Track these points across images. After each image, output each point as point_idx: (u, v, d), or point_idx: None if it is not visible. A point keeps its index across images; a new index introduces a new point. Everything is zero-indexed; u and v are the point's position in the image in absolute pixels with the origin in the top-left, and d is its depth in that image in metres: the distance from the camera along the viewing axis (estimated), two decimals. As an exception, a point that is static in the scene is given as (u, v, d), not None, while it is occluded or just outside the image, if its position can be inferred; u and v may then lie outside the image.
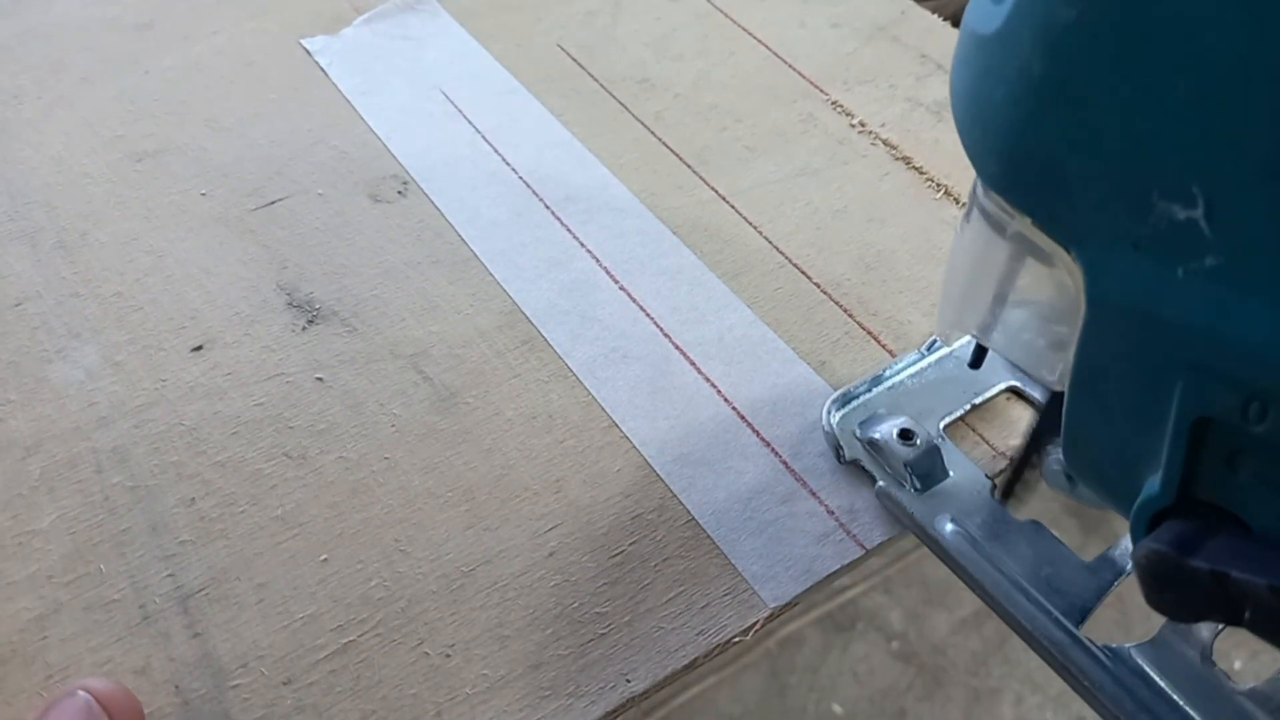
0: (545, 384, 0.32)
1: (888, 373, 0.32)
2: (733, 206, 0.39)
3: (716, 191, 0.39)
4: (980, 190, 0.23)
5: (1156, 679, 0.24)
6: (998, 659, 0.35)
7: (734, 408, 0.32)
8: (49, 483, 0.30)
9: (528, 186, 0.39)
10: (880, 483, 0.29)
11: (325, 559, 0.28)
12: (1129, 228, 0.18)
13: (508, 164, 0.40)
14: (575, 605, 0.27)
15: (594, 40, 0.47)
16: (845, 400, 0.32)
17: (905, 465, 0.29)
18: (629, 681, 0.26)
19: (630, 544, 0.29)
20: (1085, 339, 0.21)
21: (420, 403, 0.32)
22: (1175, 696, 0.24)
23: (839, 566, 0.28)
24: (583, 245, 0.37)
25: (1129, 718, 0.24)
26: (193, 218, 0.38)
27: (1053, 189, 0.20)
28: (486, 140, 0.41)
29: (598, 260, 0.36)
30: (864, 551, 0.28)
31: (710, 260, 0.36)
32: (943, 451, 0.29)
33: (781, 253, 0.37)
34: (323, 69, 0.45)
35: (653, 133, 0.42)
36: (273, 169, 0.40)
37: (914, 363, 0.33)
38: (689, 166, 0.40)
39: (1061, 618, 0.26)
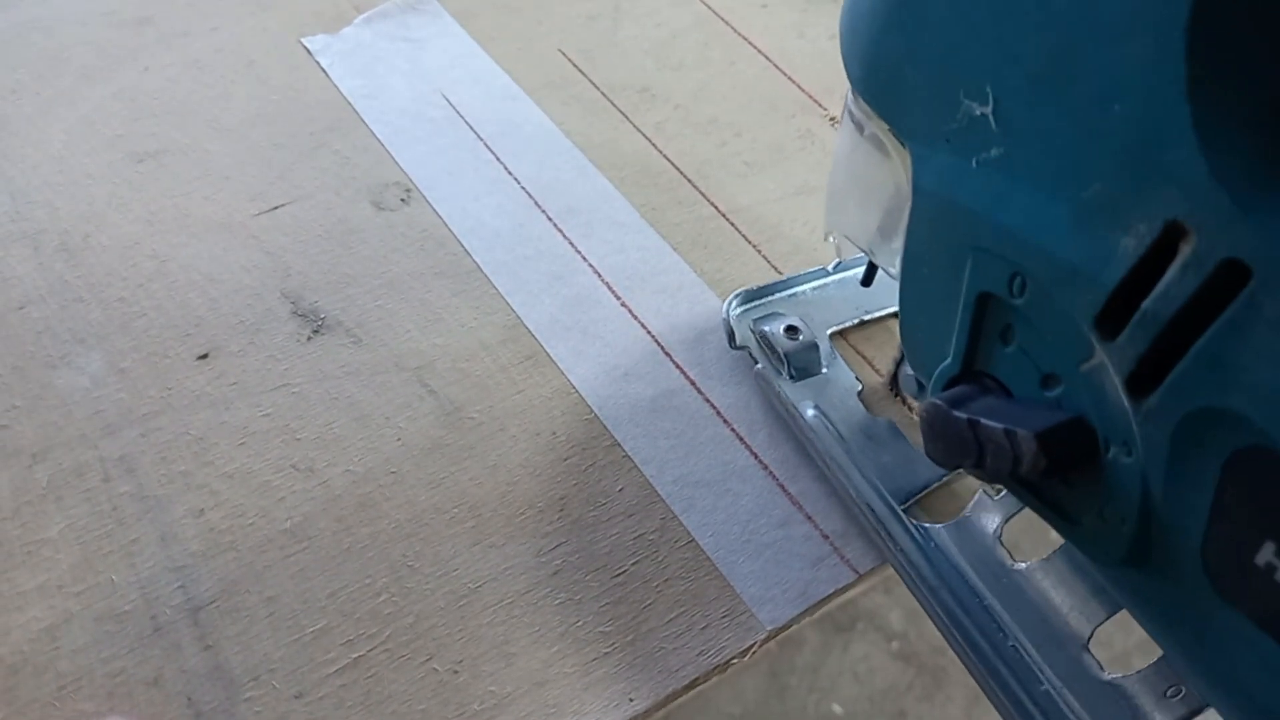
0: (548, 400, 0.33)
1: (792, 282, 0.36)
2: (732, 224, 0.39)
3: (716, 208, 0.40)
4: (850, 97, 0.27)
5: (955, 554, 0.28)
6: None
7: (733, 429, 0.33)
8: (57, 491, 0.30)
9: (529, 196, 0.40)
10: (759, 365, 0.33)
11: (334, 573, 0.29)
12: (943, 124, 0.22)
13: (509, 173, 0.41)
14: (579, 624, 0.28)
15: (595, 45, 0.48)
16: (748, 298, 0.35)
17: (785, 355, 0.33)
18: (631, 700, 0.27)
19: (633, 564, 0.29)
20: (910, 226, 0.25)
21: (425, 416, 0.33)
22: (967, 569, 0.28)
23: (832, 590, 0.29)
24: (584, 259, 0.38)
25: (927, 584, 0.28)
26: (195, 222, 0.38)
27: (895, 92, 0.24)
28: (488, 147, 0.42)
29: (599, 275, 0.37)
30: (856, 576, 0.29)
31: (710, 279, 0.37)
32: (822, 351, 0.33)
33: (780, 274, 0.37)
34: (324, 69, 0.45)
35: (653, 144, 0.43)
36: (275, 173, 0.40)
37: (818, 277, 0.36)
38: (689, 181, 0.41)
39: (888, 495, 0.30)
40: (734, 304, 0.35)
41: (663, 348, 0.35)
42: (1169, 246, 0.18)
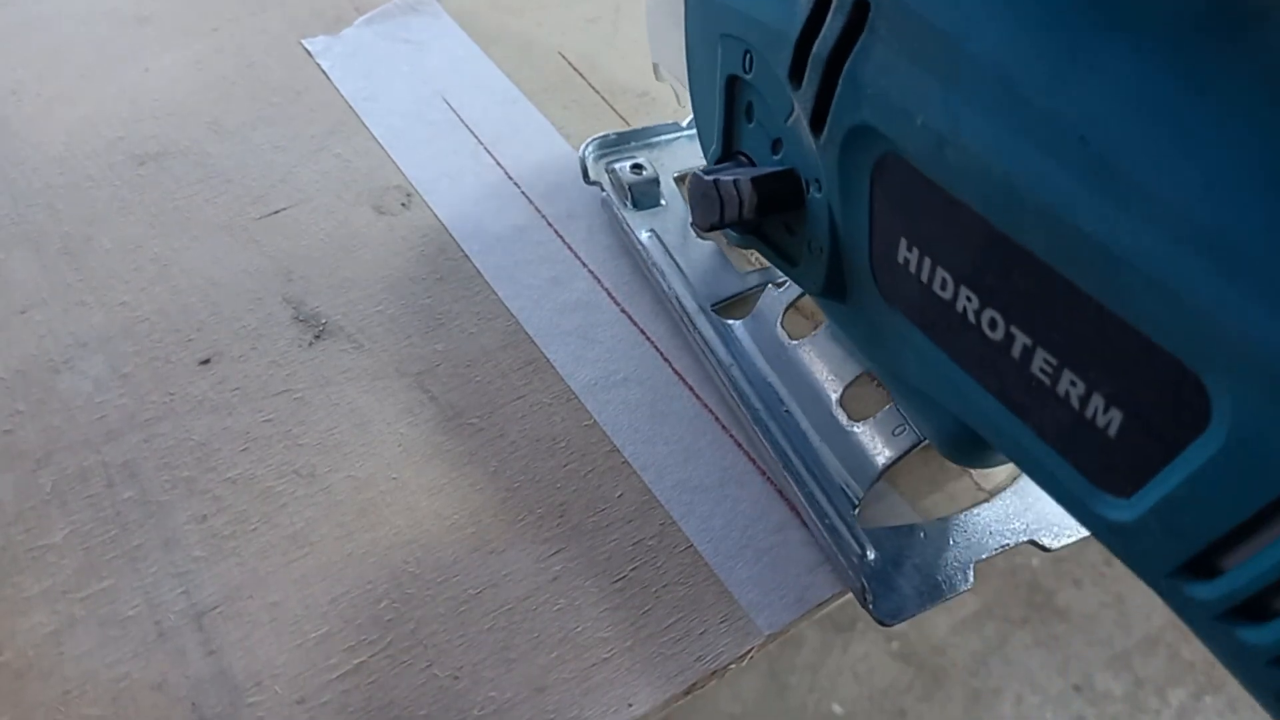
0: (549, 406, 0.33)
1: (646, 133, 0.41)
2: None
3: (716, 213, 0.40)
4: None
5: (748, 341, 0.34)
6: (998, 659, 0.36)
7: (731, 435, 0.33)
8: (60, 496, 0.30)
9: (530, 202, 0.40)
10: (605, 193, 0.39)
11: (336, 579, 0.29)
12: None
13: (510, 178, 0.41)
14: (579, 629, 0.28)
15: (594, 48, 0.48)
16: (606, 144, 0.40)
17: (628, 187, 0.38)
18: (630, 706, 0.27)
19: (632, 570, 0.30)
20: (685, 29, 0.31)
21: (427, 422, 0.33)
22: (755, 352, 0.34)
23: (829, 595, 0.29)
24: (584, 264, 0.38)
25: (721, 364, 0.34)
26: (197, 225, 0.38)
27: None
28: (489, 152, 0.42)
29: (599, 280, 0.37)
30: (854, 581, 0.30)
31: (709, 284, 0.37)
32: (664, 188, 0.39)
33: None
34: (324, 71, 0.45)
35: (653, 148, 0.43)
36: (276, 176, 0.40)
37: (672, 131, 0.41)
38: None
39: (701, 299, 0.36)
40: (590, 148, 0.40)
41: (660, 353, 0.35)
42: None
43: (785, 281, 0.34)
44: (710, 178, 0.27)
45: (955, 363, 0.23)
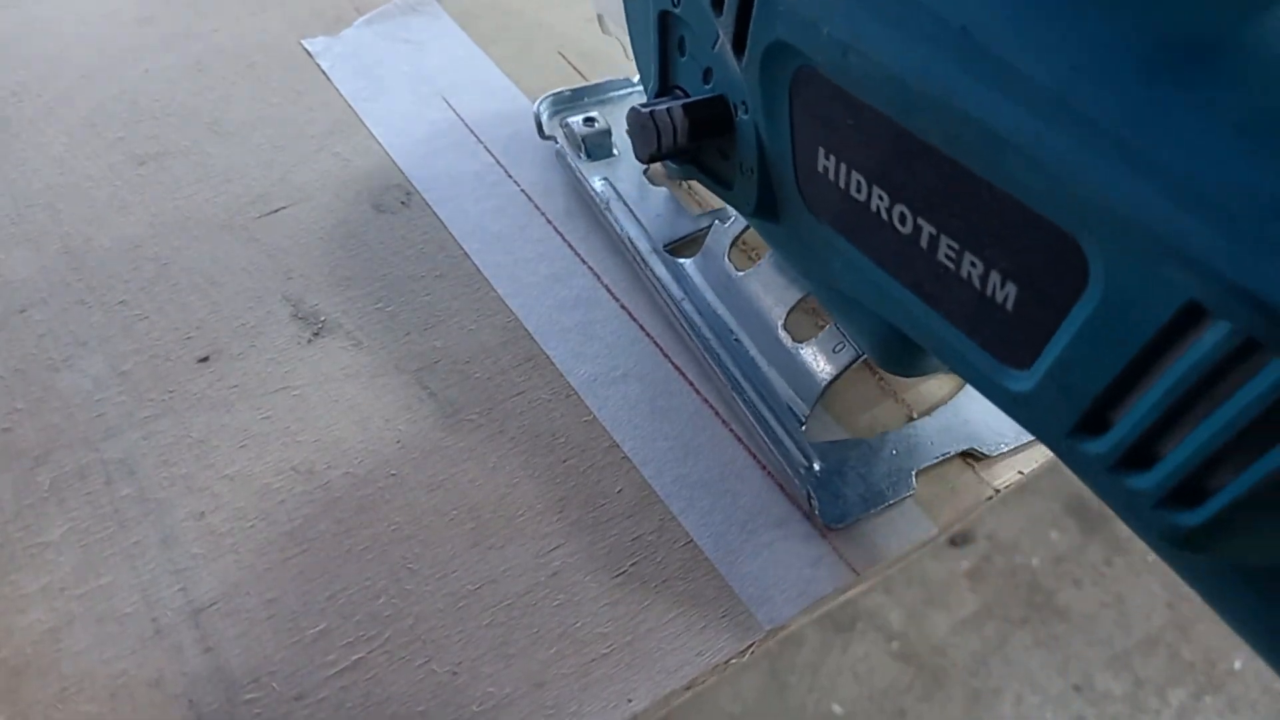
0: (548, 402, 0.33)
1: (599, 89, 0.43)
2: (731, 226, 0.39)
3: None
4: None
5: (699, 277, 0.36)
6: (998, 659, 0.36)
7: (730, 429, 0.33)
8: (59, 494, 0.30)
9: (529, 200, 0.40)
10: (558, 145, 0.40)
11: (334, 575, 0.29)
12: None
13: (509, 176, 0.41)
14: (578, 625, 0.28)
15: (595, 48, 0.48)
16: (560, 100, 0.42)
17: (581, 139, 0.40)
18: (630, 701, 0.27)
19: (631, 565, 0.30)
20: None
21: (425, 418, 0.33)
22: (705, 286, 0.36)
23: (832, 590, 0.29)
24: (583, 261, 0.38)
25: (674, 299, 0.35)
26: (196, 224, 0.38)
27: None
28: (488, 150, 0.42)
29: (598, 277, 0.37)
30: (855, 576, 0.29)
31: (709, 280, 0.37)
32: (616, 140, 0.40)
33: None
34: (324, 71, 0.45)
35: (653, 146, 0.43)
36: (276, 175, 0.40)
37: (624, 87, 0.43)
38: (687, 187, 0.41)
39: (653, 239, 0.37)
40: (544, 104, 0.41)
41: (660, 348, 0.35)
42: None
43: (732, 217, 0.36)
44: (646, 109, 0.29)
45: (875, 263, 0.24)
